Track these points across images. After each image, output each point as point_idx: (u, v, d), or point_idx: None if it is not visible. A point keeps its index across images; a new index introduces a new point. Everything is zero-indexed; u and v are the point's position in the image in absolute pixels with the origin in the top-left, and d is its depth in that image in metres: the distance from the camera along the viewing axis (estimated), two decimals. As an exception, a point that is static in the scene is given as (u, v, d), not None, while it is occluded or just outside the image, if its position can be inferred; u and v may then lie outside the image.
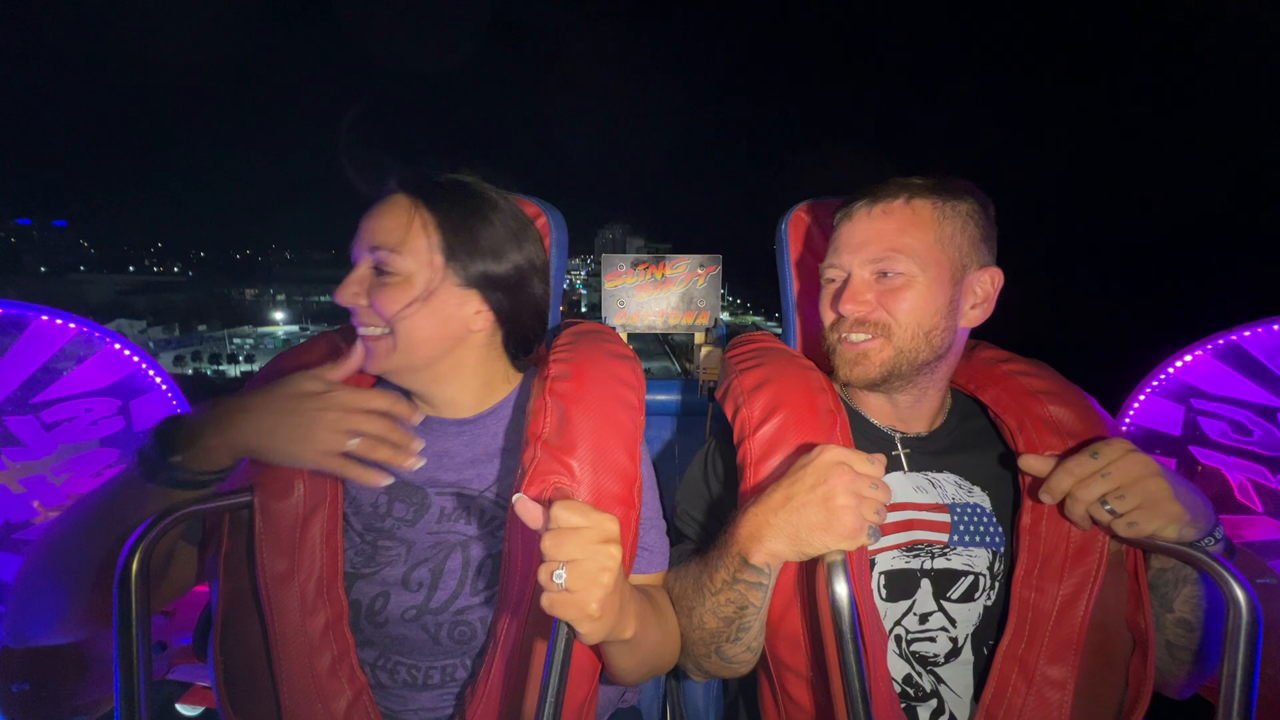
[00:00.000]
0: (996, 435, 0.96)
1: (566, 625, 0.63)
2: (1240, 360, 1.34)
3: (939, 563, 0.90)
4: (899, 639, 0.89)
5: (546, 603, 0.62)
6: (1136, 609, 0.84)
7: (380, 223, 0.86)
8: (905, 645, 0.89)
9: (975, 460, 0.95)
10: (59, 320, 1.33)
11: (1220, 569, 0.72)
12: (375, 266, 0.86)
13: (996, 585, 0.90)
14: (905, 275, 0.89)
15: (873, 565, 0.90)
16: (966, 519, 0.91)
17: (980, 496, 0.93)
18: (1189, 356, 1.39)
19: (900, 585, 0.90)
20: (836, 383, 0.98)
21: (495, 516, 0.89)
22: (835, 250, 0.95)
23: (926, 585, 0.90)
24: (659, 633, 0.83)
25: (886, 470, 0.83)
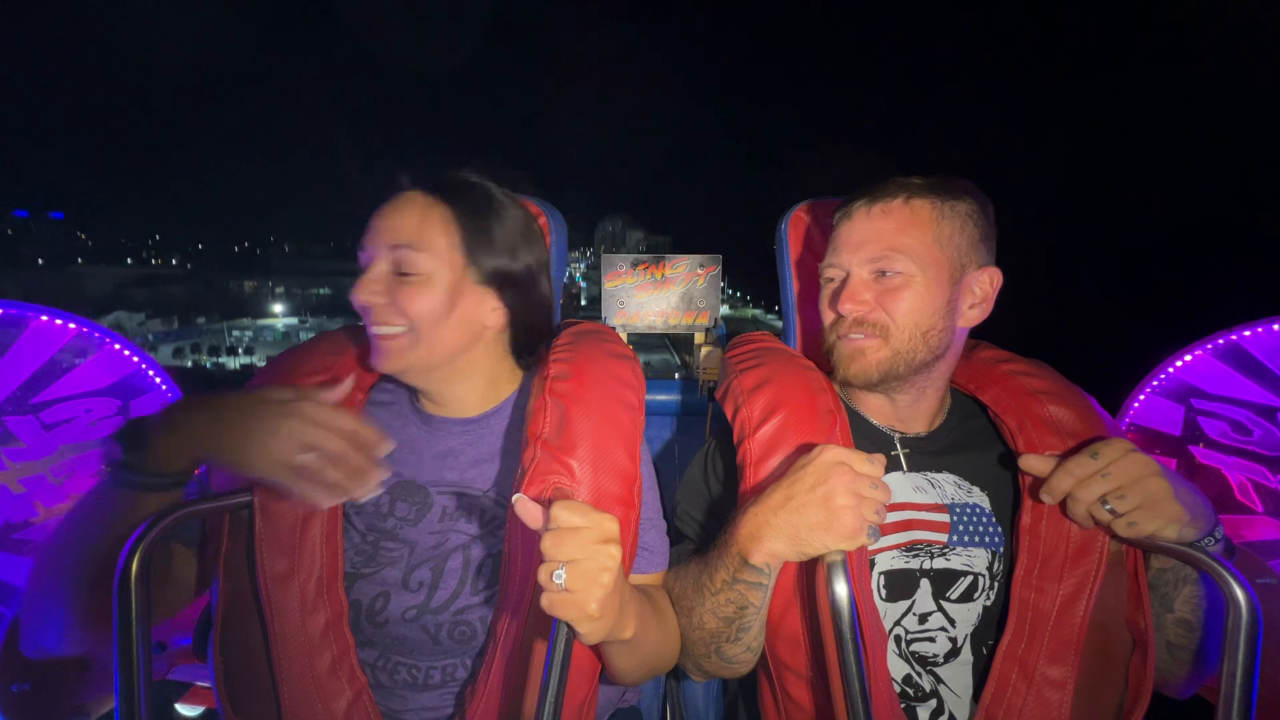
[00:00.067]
0: (996, 435, 0.96)
1: (566, 625, 0.63)
2: (1240, 360, 1.34)
3: (938, 563, 0.90)
4: (898, 639, 0.89)
5: (546, 603, 0.62)
6: (1136, 609, 0.84)
7: (399, 220, 0.85)
8: (905, 645, 0.89)
9: (975, 460, 0.95)
10: (59, 320, 1.33)
11: (1220, 569, 0.72)
12: (394, 264, 0.85)
13: (995, 585, 0.90)
14: (904, 275, 0.89)
15: (872, 565, 0.90)
16: (966, 519, 0.91)
17: (979, 497, 0.93)
18: (1189, 356, 1.39)
19: (900, 585, 0.90)
20: (836, 383, 0.98)
21: (495, 516, 0.89)
22: (834, 249, 0.95)
23: (926, 585, 0.90)
24: (659, 633, 0.83)
25: (885, 470, 0.84)
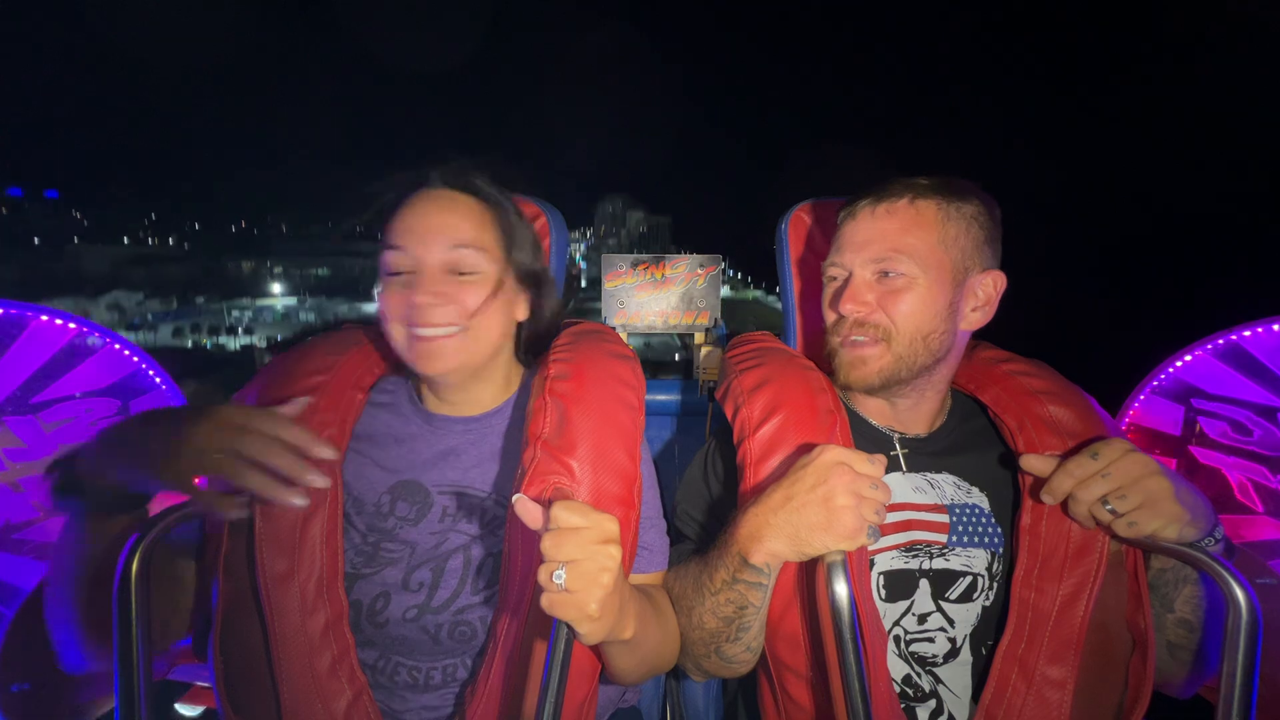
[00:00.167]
0: (996, 435, 0.96)
1: (566, 625, 0.63)
2: (1240, 360, 1.34)
3: (937, 563, 0.90)
4: (898, 639, 0.89)
5: (546, 603, 0.62)
6: (1136, 609, 0.84)
7: (456, 220, 0.85)
8: (904, 645, 0.89)
9: (974, 461, 0.95)
10: (59, 320, 1.33)
11: (1220, 569, 0.72)
12: (452, 264, 0.84)
13: (995, 586, 0.90)
14: (906, 276, 0.89)
15: (872, 565, 0.89)
16: (965, 520, 0.91)
17: (979, 497, 0.93)
18: (1189, 356, 1.39)
19: (899, 585, 0.90)
20: (836, 384, 0.98)
21: (496, 516, 0.88)
22: (838, 249, 0.94)
23: (925, 585, 0.90)
24: (659, 633, 0.83)
25: (885, 471, 0.84)
